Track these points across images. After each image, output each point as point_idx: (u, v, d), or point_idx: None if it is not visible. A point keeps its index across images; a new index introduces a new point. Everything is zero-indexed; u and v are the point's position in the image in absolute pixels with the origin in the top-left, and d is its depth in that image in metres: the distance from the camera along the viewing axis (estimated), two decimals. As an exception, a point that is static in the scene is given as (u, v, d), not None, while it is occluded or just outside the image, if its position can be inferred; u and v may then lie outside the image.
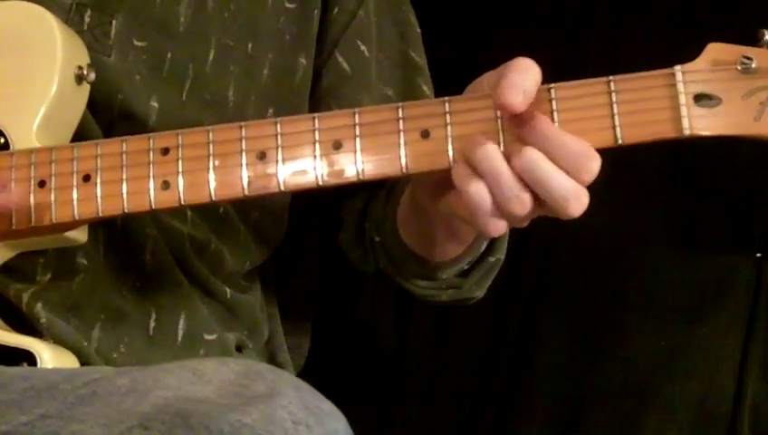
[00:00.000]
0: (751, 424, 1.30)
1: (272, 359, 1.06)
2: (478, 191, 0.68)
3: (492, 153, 0.67)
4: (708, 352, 1.34)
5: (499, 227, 0.69)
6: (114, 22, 0.87)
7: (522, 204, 0.67)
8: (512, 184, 0.67)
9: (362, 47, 0.97)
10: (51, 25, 0.80)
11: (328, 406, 0.62)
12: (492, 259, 0.89)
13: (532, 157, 0.66)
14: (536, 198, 0.67)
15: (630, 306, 1.38)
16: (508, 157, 0.67)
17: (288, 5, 0.96)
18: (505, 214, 0.68)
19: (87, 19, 0.87)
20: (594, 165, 0.66)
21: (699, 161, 1.32)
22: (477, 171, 0.68)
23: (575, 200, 0.66)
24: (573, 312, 1.41)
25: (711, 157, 1.30)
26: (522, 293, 1.42)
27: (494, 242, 0.88)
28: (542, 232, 1.33)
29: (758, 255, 1.33)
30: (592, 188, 0.68)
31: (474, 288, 0.92)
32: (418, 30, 1.02)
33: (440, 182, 0.74)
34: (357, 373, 1.46)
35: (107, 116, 0.86)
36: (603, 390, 1.38)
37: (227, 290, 0.96)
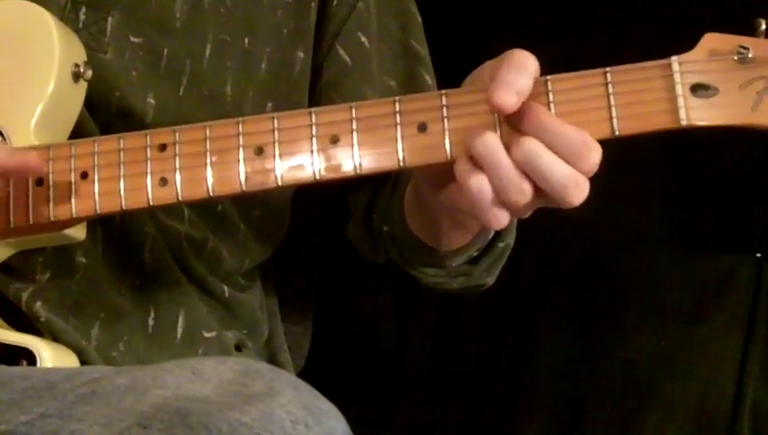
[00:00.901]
0: (751, 424, 1.31)
1: (272, 358, 1.06)
2: (479, 184, 0.67)
3: (491, 143, 0.67)
4: (708, 352, 1.34)
5: (501, 219, 0.68)
6: (110, 19, 0.87)
7: (522, 193, 0.67)
8: (512, 174, 0.66)
9: (363, 39, 0.97)
10: (48, 24, 0.80)
11: (326, 405, 0.62)
12: (501, 245, 0.88)
13: (532, 147, 0.66)
14: (537, 188, 0.67)
15: (630, 306, 1.38)
16: (507, 148, 0.67)
17: None
18: (506, 204, 0.68)
19: (82, 17, 0.87)
20: (594, 153, 0.66)
21: (699, 161, 1.32)
22: (477, 162, 0.68)
23: (575, 187, 0.66)
24: (573, 312, 1.41)
25: (711, 157, 1.30)
26: (522, 292, 1.42)
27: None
28: (541, 232, 1.34)
29: (758, 255, 1.33)
30: (592, 188, 0.68)
31: (484, 275, 0.91)
32: (419, 19, 1.02)
33: (441, 175, 0.74)
34: (357, 373, 1.47)
35: (104, 114, 0.86)
36: (603, 390, 1.38)
37: (225, 289, 0.96)
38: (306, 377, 0.65)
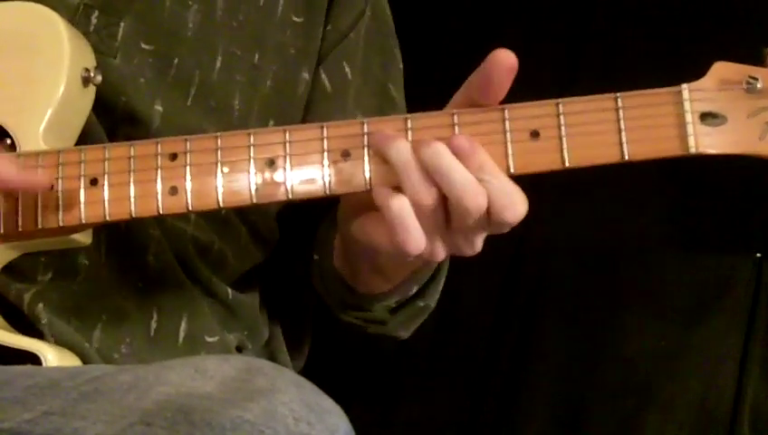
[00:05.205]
0: (751, 424, 1.31)
1: (272, 359, 1.05)
2: (399, 202, 0.69)
3: (402, 147, 0.69)
4: (708, 352, 1.35)
5: (416, 238, 0.69)
6: (122, 24, 0.87)
7: (427, 193, 0.68)
8: (420, 176, 0.68)
9: (347, 69, 0.98)
10: (58, 27, 0.80)
11: (329, 403, 0.62)
12: (421, 304, 0.89)
13: (437, 148, 0.68)
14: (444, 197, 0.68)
15: (630, 306, 1.39)
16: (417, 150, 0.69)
17: (295, 19, 0.96)
18: (416, 206, 0.69)
19: (94, 20, 0.86)
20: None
21: (699, 162, 1.32)
22: (391, 165, 0.69)
23: (473, 193, 0.67)
24: (573, 312, 1.41)
25: (711, 158, 1.30)
26: (522, 293, 1.42)
27: (425, 288, 0.87)
28: (541, 232, 1.34)
29: (758, 255, 1.34)
30: (593, 189, 0.69)
31: (399, 328, 0.92)
32: (401, 65, 1.03)
33: (361, 204, 0.75)
34: (357, 373, 1.47)
35: (110, 118, 0.86)
36: (603, 390, 1.38)
37: (229, 290, 0.96)
38: (306, 377, 0.65)
